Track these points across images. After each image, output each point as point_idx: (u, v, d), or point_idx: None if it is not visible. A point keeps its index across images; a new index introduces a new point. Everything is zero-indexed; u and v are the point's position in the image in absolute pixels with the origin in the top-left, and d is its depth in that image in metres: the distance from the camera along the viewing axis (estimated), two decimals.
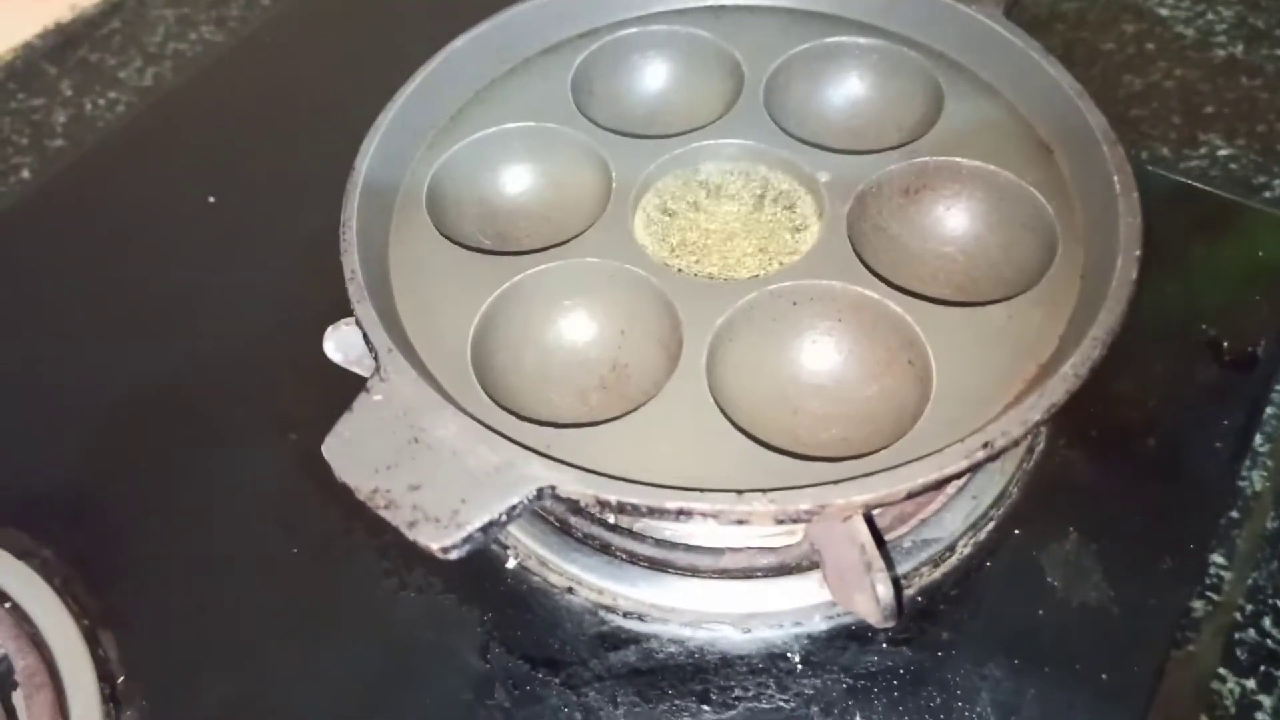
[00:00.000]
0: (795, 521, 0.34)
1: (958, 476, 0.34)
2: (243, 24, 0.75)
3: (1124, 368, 0.45)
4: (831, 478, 0.34)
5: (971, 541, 0.45)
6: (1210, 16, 0.71)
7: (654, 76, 0.53)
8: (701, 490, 0.33)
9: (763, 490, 0.33)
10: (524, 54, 0.51)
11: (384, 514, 0.33)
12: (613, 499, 0.33)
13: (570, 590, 0.44)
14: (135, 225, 0.61)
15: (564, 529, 0.45)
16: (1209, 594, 0.43)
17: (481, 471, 0.34)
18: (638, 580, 0.43)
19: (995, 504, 0.46)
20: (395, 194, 0.46)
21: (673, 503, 0.33)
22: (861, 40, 0.50)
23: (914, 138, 0.47)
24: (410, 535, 0.33)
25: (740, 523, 0.33)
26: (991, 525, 0.45)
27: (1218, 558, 0.44)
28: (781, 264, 0.44)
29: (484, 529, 0.33)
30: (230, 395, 0.52)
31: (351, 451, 0.35)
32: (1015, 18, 0.48)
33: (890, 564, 0.42)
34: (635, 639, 0.43)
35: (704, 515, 0.33)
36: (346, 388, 0.37)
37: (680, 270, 0.44)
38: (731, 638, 0.42)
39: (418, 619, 0.44)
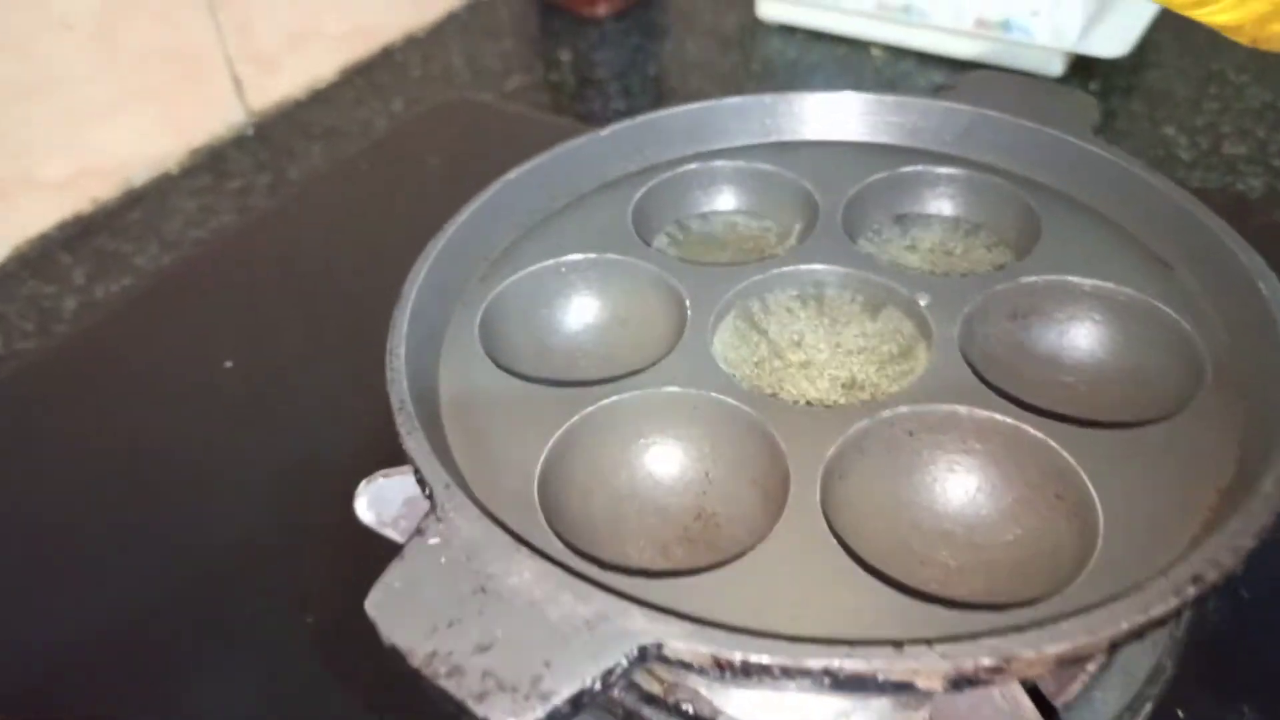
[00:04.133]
0: (971, 684, 0.26)
1: (1163, 622, 0.27)
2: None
3: None
4: (1003, 626, 0.27)
5: None
6: (1240, 186, 0.70)
7: (719, 210, 0.49)
8: (850, 643, 0.26)
9: (927, 641, 0.26)
10: (579, 190, 0.48)
11: (445, 684, 0.26)
12: (737, 657, 0.26)
13: None
14: (148, 391, 0.56)
15: None
16: None
17: (568, 626, 0.27)
18: None
19: (1150, 680, 0.38)
20: (444, 328, 0.41)
21: (816, 660, 0.26)
22: (940, 170, 0.47)
23: (1012, 261, 0.43)
24: (480, 711, 0.26)
25: (900, 686, 0.26)
26: (1150, 706, 0.38)
27: None
28: (884, 393, 0.38)
29: (574, 700, 0.26)
30: (242, 577, 0.45)
31: (403, 606, 0.28)
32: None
33: None
34: None
35: (856, 675, 0.26)
36: (375, 559, 0.30)
37: (775, 396, 0.38)
38: None
39: None
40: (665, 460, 0.38)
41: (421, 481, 0.32)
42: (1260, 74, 0.79)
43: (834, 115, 0.49)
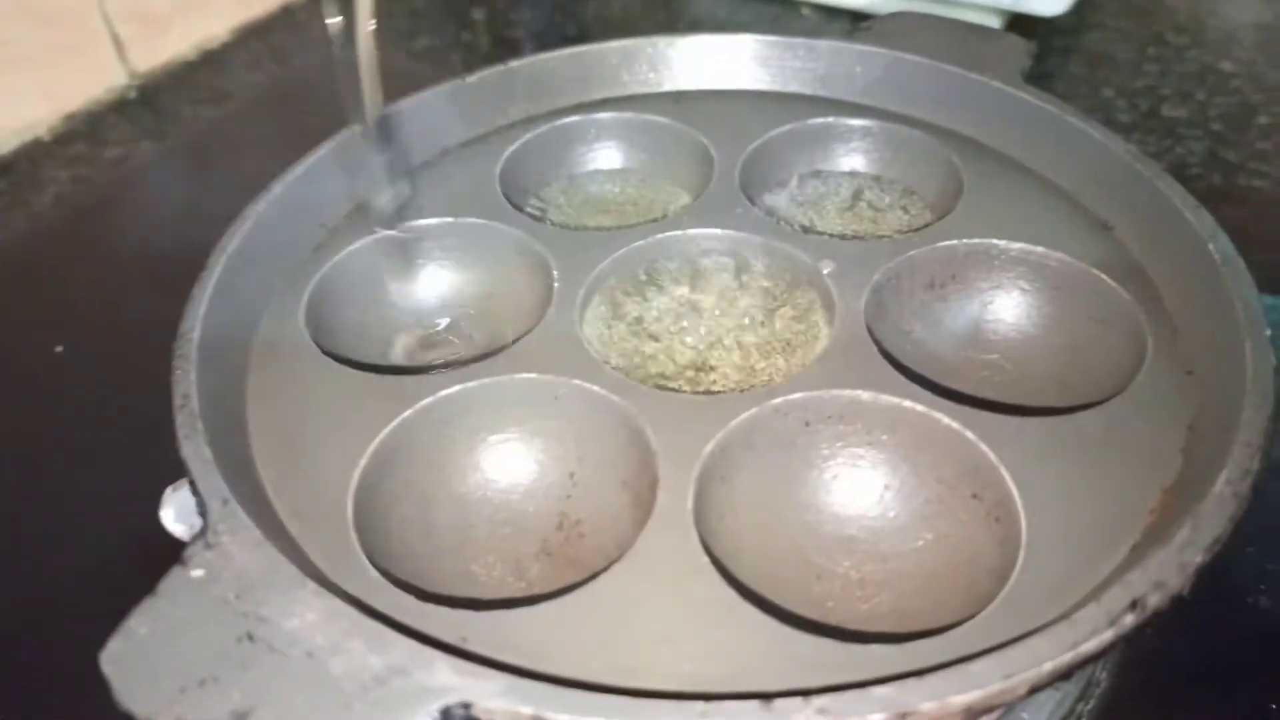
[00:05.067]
0: None
1: (1096, 658, 0.22)
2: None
3: None
4: (904, 667, 0.22)
5: None
6: (1180, 150, 0.66)
7: (603, 169, 0.43)
8: (705, 698, 0.21)
9: (803, 693, 0.21)
10: (442, 145, 0.41)
11: None
12: None
13: None
14: None
15: None
16: None
17: (353, 683, 0.21)
18: None
19: (1083, 696, 0.34)
20: (264, 306, 0.34)
21: None
22: (852, 121, 0.42)
23: (930, 223, 0.37)
24: None
25: None
26: None
27: None
28: (782, 375, 0.33)
29: None
30: (59, 603, 0.39)
31: (148, 659, 0.22)
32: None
33: None
34: None
35: None
36: None
37: (648, 385, 0.32)
38: None
39: None
40: (521, 460, 0.32)
41: (197, 496, 0.26)
42: (1199, 36, 0.75)
43: (734, 61, 0.44)
